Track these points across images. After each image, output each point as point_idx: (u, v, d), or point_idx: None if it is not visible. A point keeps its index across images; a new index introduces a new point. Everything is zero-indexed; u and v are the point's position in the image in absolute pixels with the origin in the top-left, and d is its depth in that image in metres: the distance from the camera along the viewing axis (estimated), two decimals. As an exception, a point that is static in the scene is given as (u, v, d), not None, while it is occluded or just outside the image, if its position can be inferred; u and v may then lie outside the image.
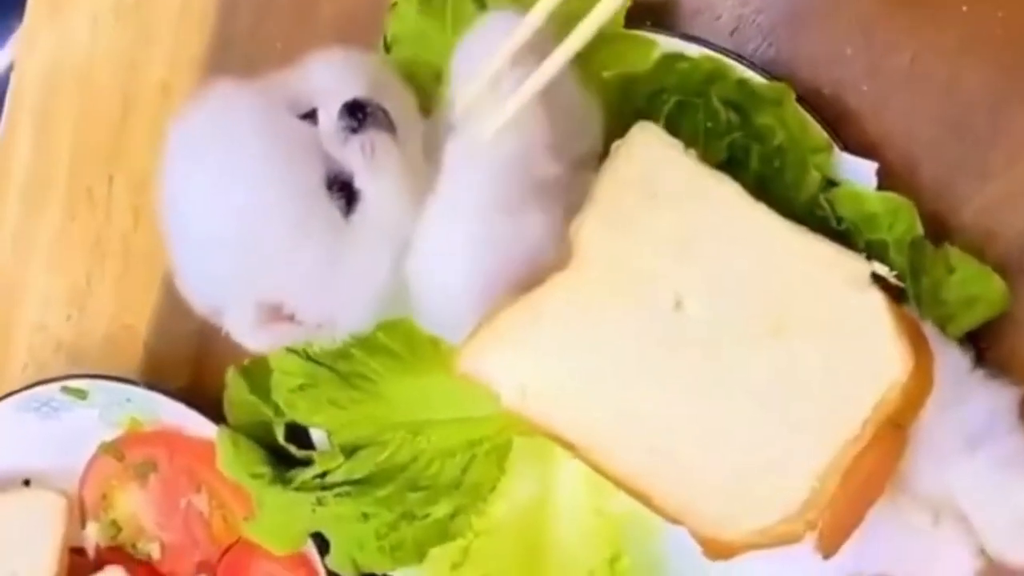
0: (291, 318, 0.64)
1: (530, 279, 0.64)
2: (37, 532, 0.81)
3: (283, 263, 0.62)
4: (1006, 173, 0.70)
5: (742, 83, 0.69)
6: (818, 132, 0.69)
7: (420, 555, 0.75)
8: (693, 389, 0.62)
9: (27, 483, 0.84)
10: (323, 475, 0.74)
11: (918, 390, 0.61)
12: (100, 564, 0.83)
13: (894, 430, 0.61)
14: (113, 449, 0.83)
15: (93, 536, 0.85)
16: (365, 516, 0.74)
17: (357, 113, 0.62)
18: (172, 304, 0.83)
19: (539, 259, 0.64)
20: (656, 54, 0.70)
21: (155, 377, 0.83)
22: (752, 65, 0.70)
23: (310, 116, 0.63)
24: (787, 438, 0.61)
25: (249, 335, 0.64)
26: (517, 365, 0.64)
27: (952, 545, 0.63)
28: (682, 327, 0.63)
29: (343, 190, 0.62)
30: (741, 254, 0.63)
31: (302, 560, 0.78)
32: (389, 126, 0.63)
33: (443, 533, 0.75)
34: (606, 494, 0.74)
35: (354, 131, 0.62)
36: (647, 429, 0.62)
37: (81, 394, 0.81)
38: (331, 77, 0.64)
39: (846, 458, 0.59)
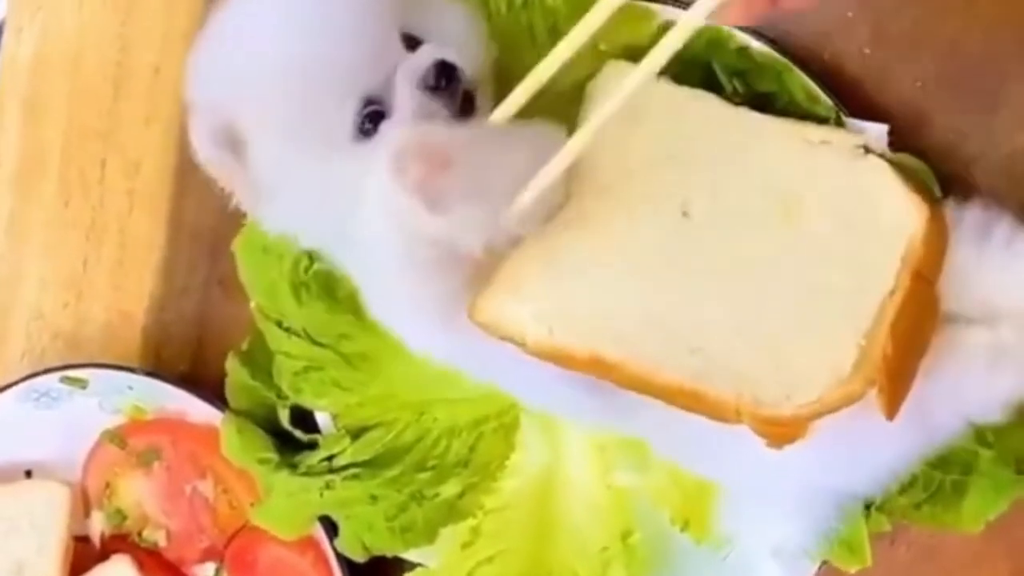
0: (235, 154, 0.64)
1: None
2: (41, 522, 0.80)
3: (268, 121, 0.62)
4: (1014, 132, 0.70)
5: (742, 51, 0.69)
6: (823, 99, 0.68)
7: (430, 536, 0.75)
8: (719, 284, 0.63)
9: (29, 474, 0.83)
10: (330, 458, 0.74)
11: (937, 238, 0.63)
12: (106, 553, 0.82)
13: (926, 286, 0.63)
14: (115, 437, 0.82)
15: (98, 525, 0.84)
16: (374, 498, 0.74)
17: (442, 78, 0.61)
18: (170, 290, 0.83)
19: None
20: (655, 24, 0.70)
21: (155, 364, 0.82)
22: (753, 32, 0.69)
23: (413, 42, 0.63)
24: (824, 306, 0.62)
25: (196, 137, 0.64)
26: (538, 305, 0.63)
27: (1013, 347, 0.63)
28: (694, 232, 0.64)
29: (372, 119, 0.62)
30: (735, 153, 0.65)
31: (311, 543, 0.78)
32: (463, 111, 0.62)
33: (453, 513, 0.75)
34: (615, 468, 0.73)
35: (432, 90, 0.61)
36: (683, 332, 0.62)
37: (81, 383, 0.80)
38: (455, 28, 0.64)
39: (886, 313, 0.61)
